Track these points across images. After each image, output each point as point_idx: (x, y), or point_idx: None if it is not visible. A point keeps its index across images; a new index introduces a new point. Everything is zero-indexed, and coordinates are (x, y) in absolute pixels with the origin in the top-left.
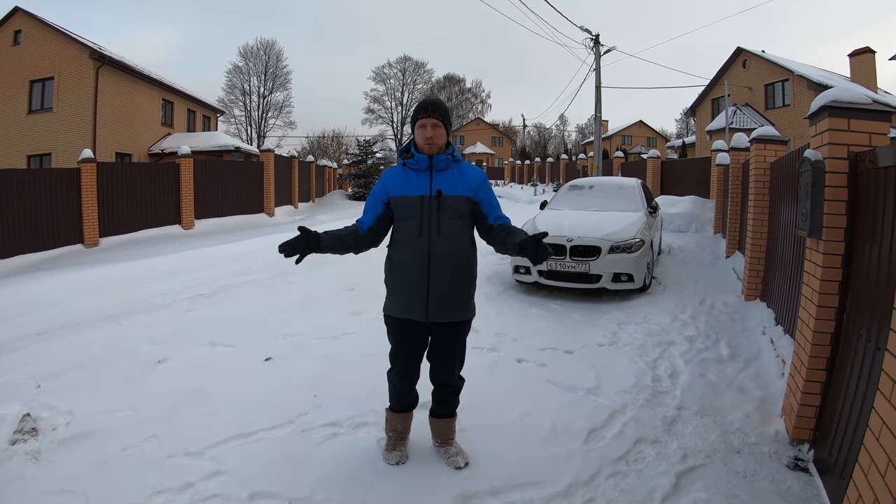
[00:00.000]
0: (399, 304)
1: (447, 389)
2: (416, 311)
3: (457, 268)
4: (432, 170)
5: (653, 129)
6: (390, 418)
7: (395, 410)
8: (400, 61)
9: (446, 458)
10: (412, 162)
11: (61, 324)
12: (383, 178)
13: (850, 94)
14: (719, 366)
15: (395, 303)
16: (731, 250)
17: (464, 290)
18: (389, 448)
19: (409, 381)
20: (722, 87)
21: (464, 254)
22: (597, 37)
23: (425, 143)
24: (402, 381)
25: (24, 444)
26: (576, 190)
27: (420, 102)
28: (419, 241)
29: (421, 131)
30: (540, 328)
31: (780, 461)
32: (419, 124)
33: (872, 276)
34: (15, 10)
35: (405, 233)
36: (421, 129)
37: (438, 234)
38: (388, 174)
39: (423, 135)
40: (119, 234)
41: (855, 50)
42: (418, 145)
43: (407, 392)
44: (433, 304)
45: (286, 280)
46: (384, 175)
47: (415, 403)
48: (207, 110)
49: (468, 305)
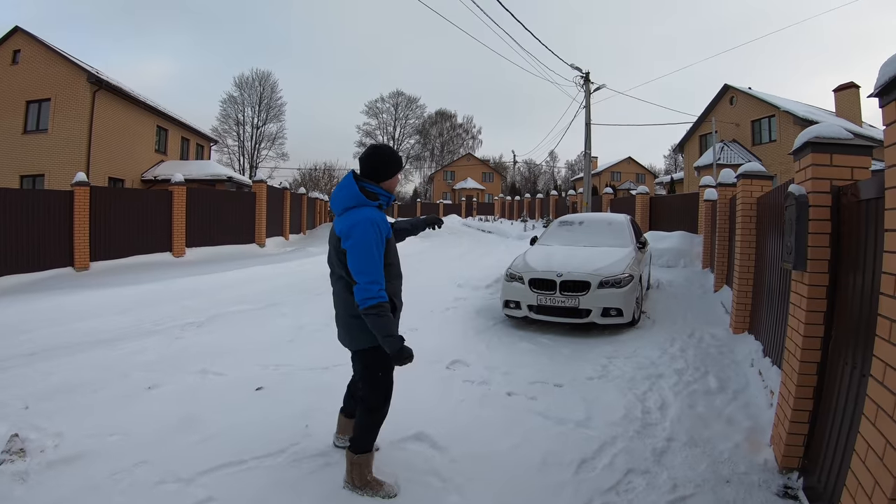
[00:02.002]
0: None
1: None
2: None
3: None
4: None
5: (641, 165)
6: (367, 461)
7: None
8: (392, 96)
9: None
10: (385, 204)
11: (51, 346)
12: (380, 224)
13: (832, 130)
14: (708, 397)
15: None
16: (720, 284)
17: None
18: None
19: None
20: (709, 124)
21: None
22: (587, 74)
23: (395, 188)
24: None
25: (12, 464)
26: (566, 226)
27: (399, 157)
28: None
29: (396, 180)
30: (529, 362)
31: (769, 490)
32: (399, 175)
33: (856, 305)
34: (15, 30)
35: (398, 266)
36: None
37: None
38: (377, 218)
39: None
40: (110, 259)
41: (840, 85)
42: (390, 188)
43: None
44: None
45: (277, 311)
46: (379, 221)
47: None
48: (201, 139)
49: None
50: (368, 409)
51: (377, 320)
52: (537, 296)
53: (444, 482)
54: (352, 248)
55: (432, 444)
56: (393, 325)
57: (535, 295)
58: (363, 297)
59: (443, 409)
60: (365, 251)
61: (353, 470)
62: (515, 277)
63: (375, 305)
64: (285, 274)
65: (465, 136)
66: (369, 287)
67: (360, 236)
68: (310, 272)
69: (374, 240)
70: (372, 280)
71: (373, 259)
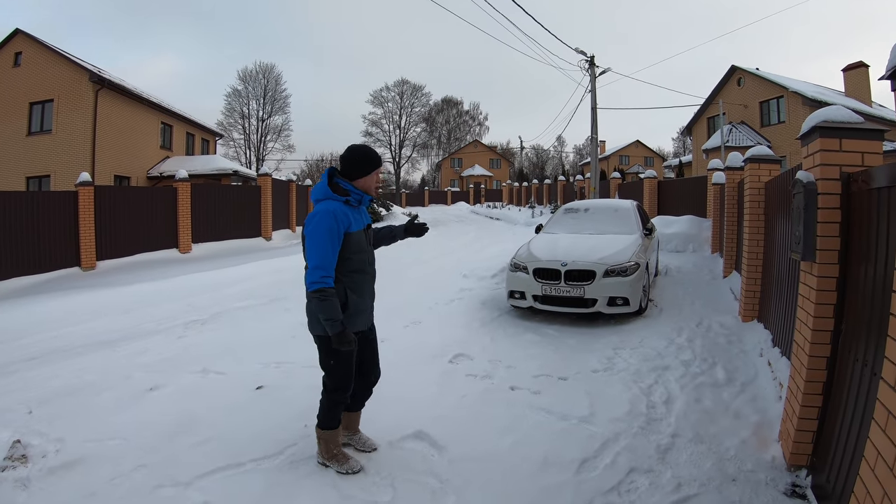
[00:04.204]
0: (362, 320)
1: (373, 384)
2: (368, 321)
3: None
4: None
5: (650, 148)
6: (331, 436)
7: (336, 426)
8: (398, 84)
9: (360, 445)
10: (353, 199)
11: (55, 348)
12: (337, 216)
13: (842, 114)
14: (715, 390)
15: (359, 320)
16: (729, 270)
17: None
18: (344, 460)
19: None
20: (717, 106)
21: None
22: (592, 58)
23: (374, 188)
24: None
25: (14, 470)
26: (571, 213)
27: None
28: (369, 268)
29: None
30: (534, 354)
31: (776, 488)
32: (376, 172)
33: (867, 298)
34: (16, 32)
35: (361, 262)
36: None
37: (374, 261)
38: (338, 211)
39: (375, 181)
40: (116, 258)
41: (849, 65)
42: (364, 187)
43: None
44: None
45: (281, 306)
46: (338, 213)
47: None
48: (206, 133)
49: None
50: (326, 390)
51: (319, 304)
52: (542, 286)
53: (442, 483)
54: (307, 236)
55: (432, 444)
56: (334, 310)
57: (540, 285)
58: (308, 281)
59: (444, 405)
60: (316, 239)
61: (319, 444)
62: (520, 267)
63: (317, 290)
64: (290, 268)
65: (472, 122)
66: (314, 272)
67: (314, 225)
68: None
69: (327, 229)
70: (316, 266)
71: (321, 246)
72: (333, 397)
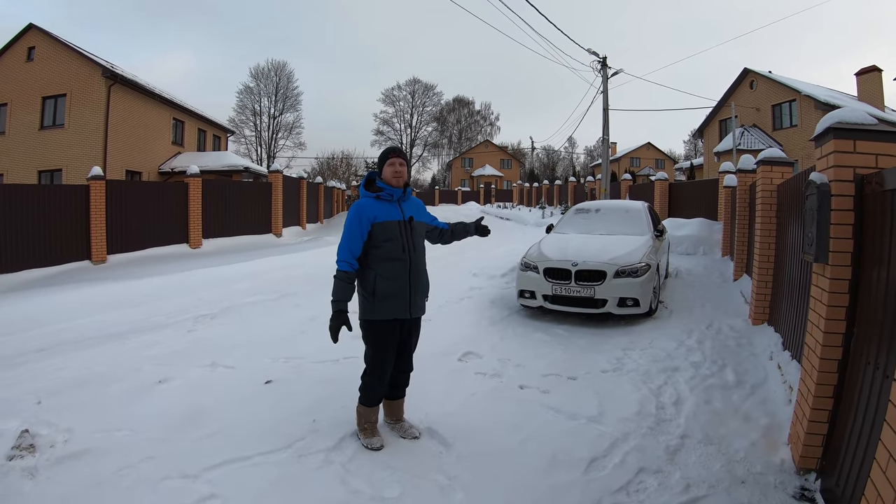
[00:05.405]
0: (393, 307)
1: (408, 373)
2: (403, 311)
3: (425, 274)
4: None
5: (661, 150)
6: (365, 412)
7: (371, 405)
8: (409, 83)
9: (401, 432)
10: (385, 194)
11: (65, 340)
12: (361, 208)
13: (856, 116)
14: (725, 392)
15: (390, 307)
16: (739, 273)
17: (428, 290)
18: (369, 434)
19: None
20: (729, 109)
21: (425, 263)
22: (604, 59)
23: (394, 177)
24: (384, 378)
25: (22, 460)
26: (582, 213)
27: (388, 147)
28: (403, 255)
29: (391, 168)
30: (543, 353)
31: (785, 491)
32: (389, 163)
33: (880, 301)
34: (29, 27)
35: (390, 251)
36: (391, 166)
37: (414, 251)
38: (364, 205)
39: (393, 170)
40: (127, 252)
41: (862, 69)
42: (386, 179)
43: (384, 387)
44: (414, 304)
45: (291, 302)
46: (361, 206)
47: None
48: (218, 130)
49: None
50: (364, 371)
51: (335, 283)
52: (552, 285)
53: (450, 480)
54: (429, 213)
55: (441, 441)
56: (340, 292)
57: (550, 284)
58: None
59: (453, 402)
60: (344, 229)
61: (356, 416)
62: (530, 267)
63: (337, 272)
64: (301, 264)
65: (483, 122)
66: (338, 256)
67: (347, 218)
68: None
69: (351, 220)
70: (339, 250)
71: (345, 235)
72: (366, 379)
